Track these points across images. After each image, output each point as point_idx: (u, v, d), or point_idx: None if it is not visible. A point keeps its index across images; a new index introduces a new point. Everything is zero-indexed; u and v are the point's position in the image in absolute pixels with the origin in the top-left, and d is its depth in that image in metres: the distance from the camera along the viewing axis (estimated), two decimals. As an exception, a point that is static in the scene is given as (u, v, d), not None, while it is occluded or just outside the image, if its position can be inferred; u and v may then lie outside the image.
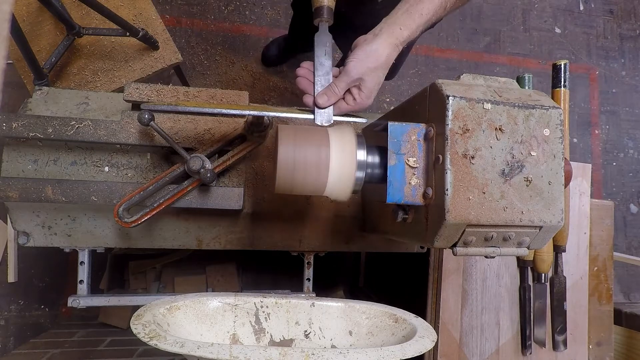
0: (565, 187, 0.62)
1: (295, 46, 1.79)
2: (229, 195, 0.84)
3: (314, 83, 0.72)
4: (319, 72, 0.72)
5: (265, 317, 0.78)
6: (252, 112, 0.74)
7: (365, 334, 0.76)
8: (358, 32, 0.73)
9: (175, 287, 1.44)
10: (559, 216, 0.60)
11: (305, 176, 0.66)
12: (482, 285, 1.02)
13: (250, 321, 0.77)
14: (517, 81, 0.91)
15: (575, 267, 1.07)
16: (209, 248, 0.94)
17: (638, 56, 2.22)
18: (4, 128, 0.79)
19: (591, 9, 2.22)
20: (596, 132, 2.12)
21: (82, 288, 0.91)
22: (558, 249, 1.04)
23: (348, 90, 0.72)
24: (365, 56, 0.69)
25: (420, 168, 0.63)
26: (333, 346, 0.77)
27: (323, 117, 0.71)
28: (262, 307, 0.78)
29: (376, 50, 0.69)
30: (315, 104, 0.71)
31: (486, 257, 0.64)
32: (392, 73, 1.31)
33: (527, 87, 0.95)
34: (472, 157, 0.58)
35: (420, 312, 0.98)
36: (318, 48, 0.73)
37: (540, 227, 0.60)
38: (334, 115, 0.72)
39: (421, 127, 0.63)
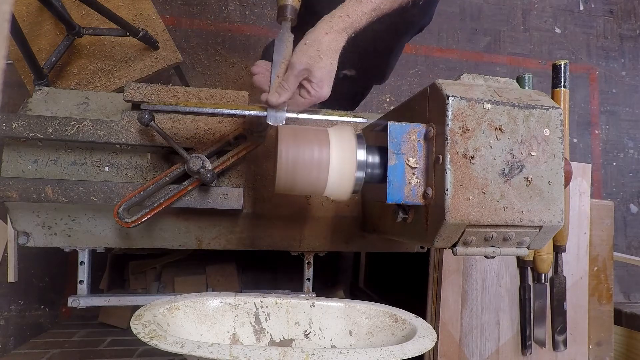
0: (565, 187, 0.62)
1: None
2: (229, 195, 0.84)
3: (270, 82, 0.71)
4: (276, 71, 0.71)
5: (265, 317, 0.78)
6: (252, 112, 0.74)
7: (365, 334, 0.76)
8: None
9: (175, 287, 1.44)
10: (559, 216, 0.60)
11: (305, 176, 0.66)
12: (482, 285, 1.02)
13: (250, 321, 0.77)
14: (517, 81, 0.91)
15: (575, 267, 1.07)
16: (209, 248, 0.94)
17: (638, 56, 2.22)
18: (4, 128, 0.79)
19: (591, 9, 2.22)
20: (596, 132, 2.12)
21: (82, 288, 0.91)
22: (558, 249, 1.04)
23: (301, 85, 0.71)
24: (306, 46, 0.68)
25: (420, 168, 0.63)
26: (333, 346, 0.77)
27: (275, 116, 0.71)
28: (262, 307, 0.78)
29: (315, 38, 0.68)
30: (268, 103, 0.70)
31: (486, 257, 0.64)
32: (381, 76, 1.30)
33: (527, 87, 0.95)
34: (472, 157, 0.58)
35: (420, 312, 0.98)
36: (278, 47, 0.73)
37: (540, 227, 0.60)
38: (293, 112, 0.72)
39: (421, 127, 0.63)
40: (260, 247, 0.95)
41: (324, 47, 0.68)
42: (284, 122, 0.71)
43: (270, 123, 0.70)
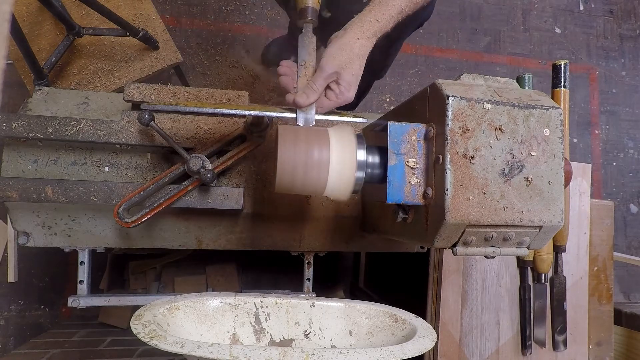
0: (565, 187, 0.62)
1: (295, 46, 1.78)
2: (229, 195, 0.84)
3: (296, 83, 0.72)
4: (302, 73, 0.72)
5: (265, 317, 0.78)
6: (252, 112, 0.74)
7: (365, 334, 0.76)
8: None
9: (175, 287, 1.44)
10: (559, 216, 0.60)
11: (305, 176, 0.66)
12: (482, 285, 1.02)
13: (250, 321, 0.77)
14: (517, 81, 0.91)
15: (575, 267, 1.07)
16: (209, 248, 0.94)
17: (638, 56, 2.22)
18: (4, 128, 0.79)
19: (591, 9, 2.22)
20: (596, 132, 2.12)
21: (82, 288, 0.91)
22: (558, 249, 1.04)
23: (328, 87, 0.72)
24: (338, 50, 0.69)
25: (420, 168, 0.63)
26: (333, 346, 0.77)
27: (305, 116, 0.71)
28: (262, 307, 0.78)
29: (348, 43, 0.69)
30: (296, 104, 0.71)
31: (486, 257, 0.64)
32: (380, 71, 1.31)
33: (527, 87, 0.95)
34: (472, 157, 0.58)
35: (420, 312, 0.98)
36: (302, 49, 0.73)
37: (540, 227, 0.60)
38: (318, 114, 0.72)
39: (421, 127, 0.63)
40: (260, 247, 0.95)
41: (355, 52, 0.69)
42: (314, 124, 0.71)
43: (301, 124, 0.71)
